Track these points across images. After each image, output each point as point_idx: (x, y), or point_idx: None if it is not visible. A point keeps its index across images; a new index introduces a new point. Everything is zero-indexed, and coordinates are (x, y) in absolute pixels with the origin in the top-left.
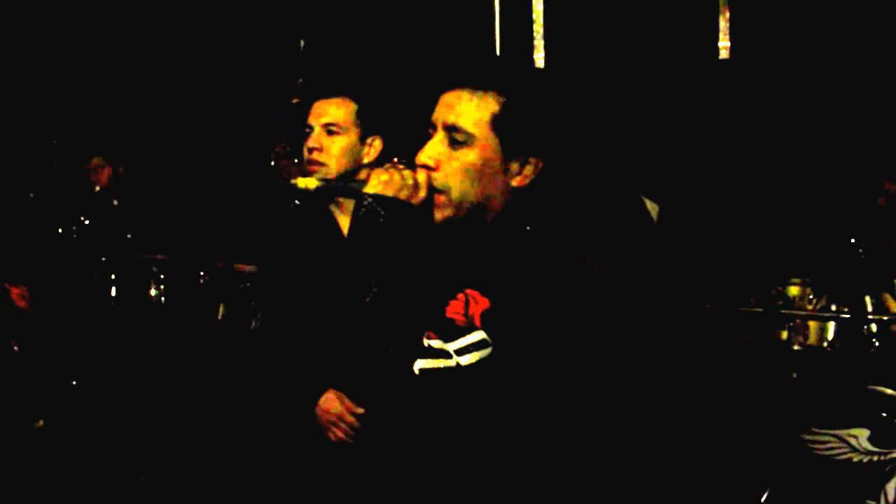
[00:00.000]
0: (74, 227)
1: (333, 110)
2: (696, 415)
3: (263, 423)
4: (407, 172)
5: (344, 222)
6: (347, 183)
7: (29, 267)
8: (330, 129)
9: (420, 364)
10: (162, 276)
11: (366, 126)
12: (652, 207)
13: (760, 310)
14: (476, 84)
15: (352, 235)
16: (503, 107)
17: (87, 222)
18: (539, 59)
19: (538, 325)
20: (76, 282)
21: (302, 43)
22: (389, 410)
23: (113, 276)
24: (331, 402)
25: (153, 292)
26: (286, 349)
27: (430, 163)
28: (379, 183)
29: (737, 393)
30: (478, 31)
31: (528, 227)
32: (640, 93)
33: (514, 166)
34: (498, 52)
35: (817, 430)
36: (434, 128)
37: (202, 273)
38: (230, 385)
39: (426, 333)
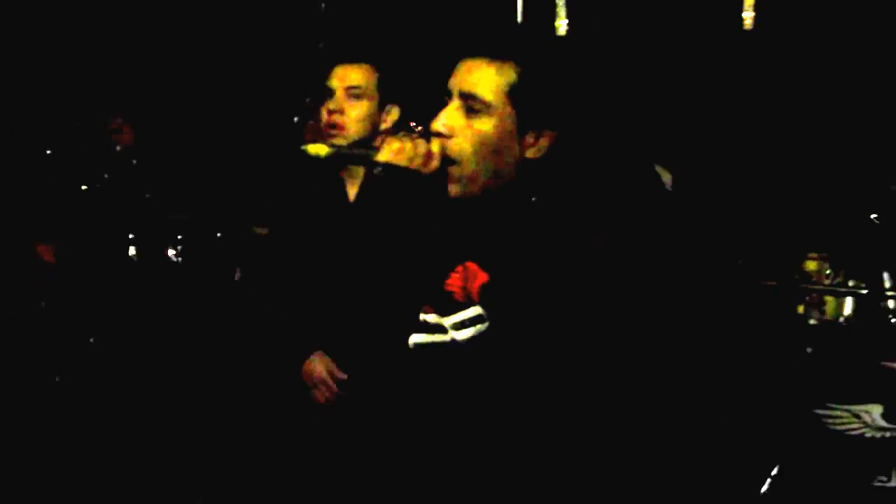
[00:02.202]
0: (97, 186)
1: (356, 75)
2: (707, 388)
3: (254, 379)
4: (420, 141)
5: (352, 189)
6: (359, 150)
7: (55, 224)
8: (352, 94)
9: (415, 338)
10: (180, 237)
11: (385, 93)
12: (664, 175)
13: (777, 284)
14: (495, 53)
15: (359, 202)
16: (521, 77)
17: (108, 180)
18: (561, 26)
19: (536, 300)
20: (98, 240)
21: (323, 5)
22: (380, 382)
23: (132, 236)
24: (315, 364)
25: (171, 252)
26: (274, 307)
27: (445, 130)
28: (391, 151)
29: (751, 367)
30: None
31: (532, 199)
32: (662, 61)
33: (529, 138)
34: (519, 19)
35: (831, 405)
36: (450, 95)
37: (220, 234)
38: (235, 346)
39: (423, 307)
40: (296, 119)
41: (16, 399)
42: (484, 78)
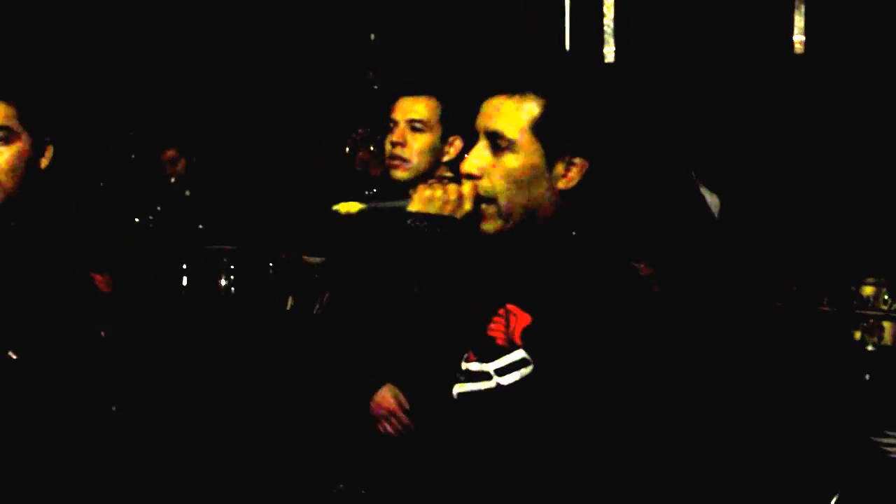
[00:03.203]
0: (150, 217)
1: (420, 107)
2: (764, 419)
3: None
4: (451, 186)
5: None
6: (390, 203)
7: (110, 256)
8: (415, 126)
9: (459, 388)
10: (231, 267)
11: (448, 125)
12: (713, 201)
13: (833, 309)
14: (513, 88)
15: (397, 255)
16: (543, 110)
17: (160, 212)
18: (609, 53)
19: (581, 342)
20: (151, 271)
21: (373, 35)
22: (429, 433)
23: (184, 266)
24: (385, 397)
25: (223, 283)
26: (350, 337)
27: (475, 171)
28: (422, 200)
29: (808, 394)
30: (548, 27)
31: (573, 233)
32: (712, 85)
33: (559, 168)
34: (567, 48)
35: (889, 433)
36: (478, 136)
37: (271, 264)
38: (293, 371)
39: (466, 355)
40: (347, 150)
41: (74, 426)
42: (506, 115)
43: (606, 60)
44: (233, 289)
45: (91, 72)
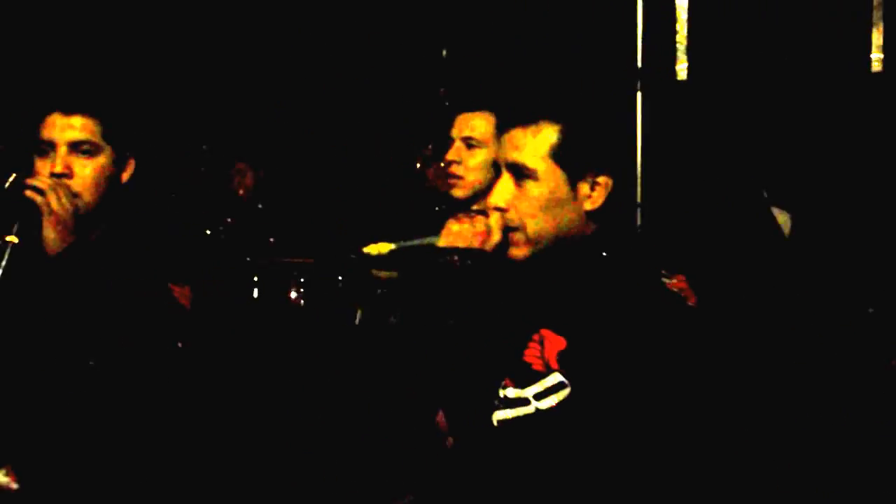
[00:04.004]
0: (221, 230)
1: (476, 123)
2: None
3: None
4: (478, 219)
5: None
6: (418, 241)
7: (188, 268)
8: (469, 143)
9: (499, 415)
10: (302, 280)
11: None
12: (783, 220)
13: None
14: (527, 118)
15: (429, 291)
16: (559, 135)
17: (231, 225)
18: (682, 70)
19: (616, 362)
20: (224, 284)
21: (444, 52)
22: (472, 461)
23: (255, 279)
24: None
25: (293, 295)
26: (424, 351)
27: (501, 203)
28: (451, 235)
29: (880, 420)
30: (621, 44)
31: (603, 254)
32: (786, 102)
33: (584, 189)
34: (640, 64)
35: None
36: (501, 168)
37: (340, 278)
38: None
39: (503, 382)
40: (417, 165)
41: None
42: (524, 145)
43: (679, 77)
44: (302, 301)
45: (166, 86)
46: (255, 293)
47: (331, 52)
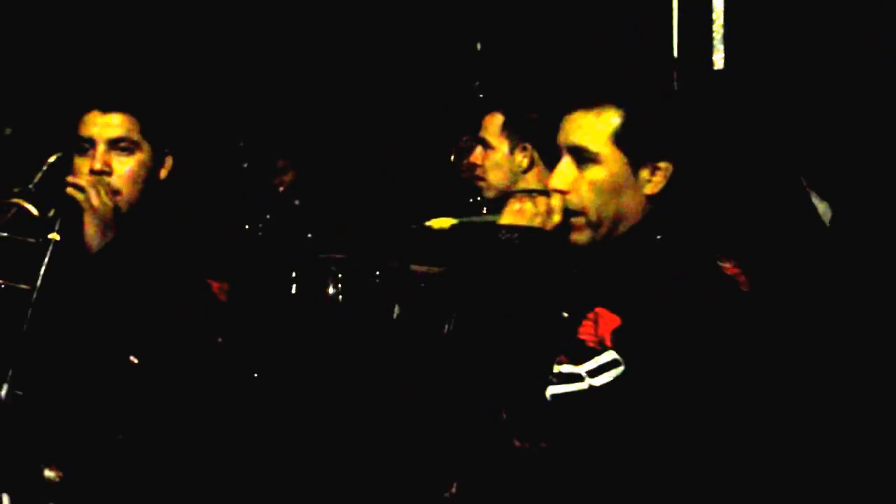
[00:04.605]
0: (260, 226)
1: (486, 123)
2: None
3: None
4: (540, 199)
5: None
6: (482, 217)
7: (227, 264)
8: (484, 144)
9: (552, 390)
10: (340, 276)
11: (513, 136)
12: (823, 208)
13: None
14: (590, 102)
15: (488, 268)
16: (622, 120)
17: (270, 221)
18: (718, 60)
19: (669, 342)
20: (263, 280)
21: (479, 45)
22: (523, 435)
23: (293, 275)
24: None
25: (331, 291)
26: (479, 358)
27: (562, 186)
28: (512, 213)
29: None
30: (657, 34)
31: (658, 237)
32: (824, 91)
33: (645, 174)
34: (675, 54)
35: None
36: (561, 151)
37: (378, 273)
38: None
39: (558, 358)
40: (452, 158)
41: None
42: (586, 129)
43: (716, 67)
44: (340, 297)
45: (205, 83)
46: (294, 289)
47: (367, 48)
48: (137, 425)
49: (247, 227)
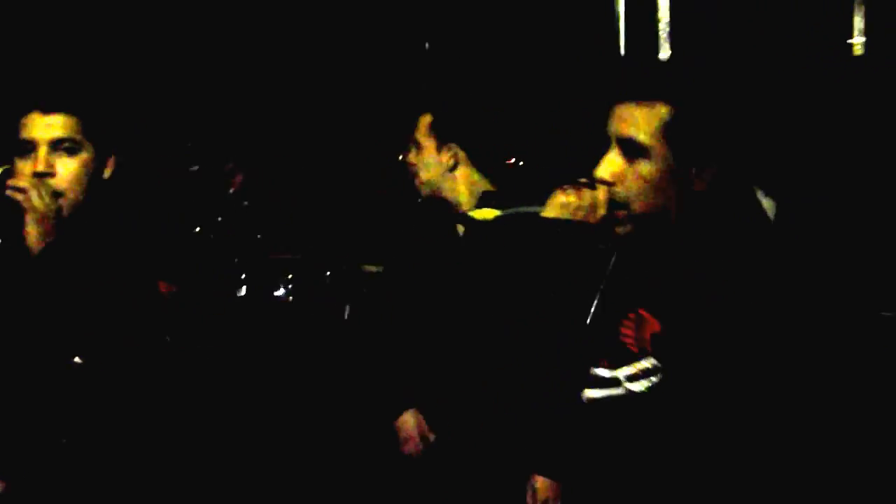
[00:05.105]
0: (210, 227)
1: (418, 124)
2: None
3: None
4: (585, 192)
5: (461, 226)
6: (526, 209)
7: (175, 264)
8: (416, 144)
9: (589, 394)
10: (290, 276)
11: (439, 136)
12: (767, 205)
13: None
14: (643, 94)
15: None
16: (673, 115)
17: (220, 223)
18: (663, 56)
19: (711, 351)
20: (211, 281)
21: (427, 45)
22: (558, 436)
23: (243, 276)
24: (406, 422)
25: (281, 292)
26: (387, 350)
27: (609, 177)
28: (557, 206)
29: (875, 404)
30: (601, 29)
31: (701, 240)
32: (768, 88)
33: (692, 172)
34: (622, 51)
35: None
36: (609, 141)
37: (329, 273)
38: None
39: (599, 361)
40: (401, 157)
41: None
42: (637, 121)
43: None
44: (291, 298)
45: (152, 84)
46: (244, 290)
47: (316, 50)
48: (81, 428)
49: (198, 229)
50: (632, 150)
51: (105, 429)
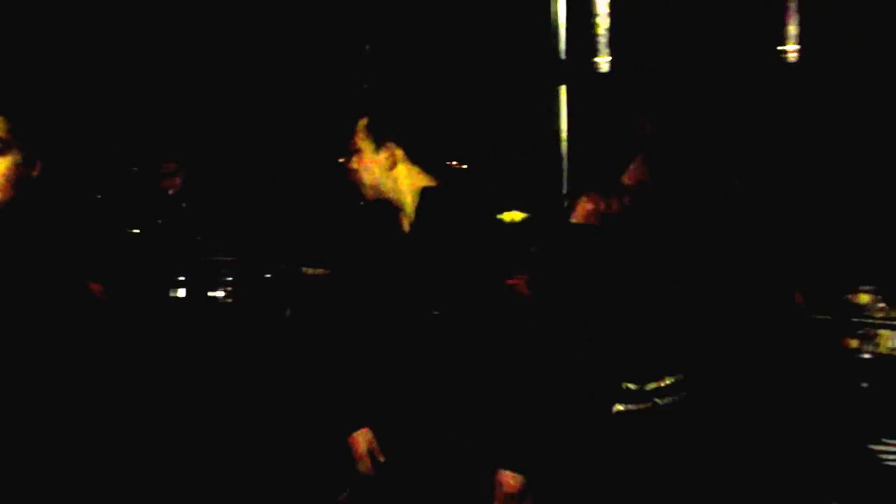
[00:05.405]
0: (147, 229)
1: (356, 128)
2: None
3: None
4: (612, 199)
5: (405, 221)
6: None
7: (107, 266)
8: (355, 148)
9: (618, 407)
10: (229, 278)
11: (376, 136)
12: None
13: (829, 317)
14: None
15: (415, 234)
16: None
17: (159, 224)
18: (603, 62)
19: (737, 368)
20: (149, 282)
21: (367, 47)
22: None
23: (182, 278)
24: (356, 440)
25: (220, 293)
26: (338, 363)
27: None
28: (584, 212)
29: (805, 402)
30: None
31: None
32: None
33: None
34: (563, 56)
35: (886, 440)
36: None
37: (269, 275)
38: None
39: (630, 375)
40: (344, 165)
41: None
42: None
43: (600, 70)
44: (230, 300)
45: (88, 84)
46: (183, 291)
47: (255, 49)
48: (12, 431)
49: (136, 230)
50: None
51: (35, 432)
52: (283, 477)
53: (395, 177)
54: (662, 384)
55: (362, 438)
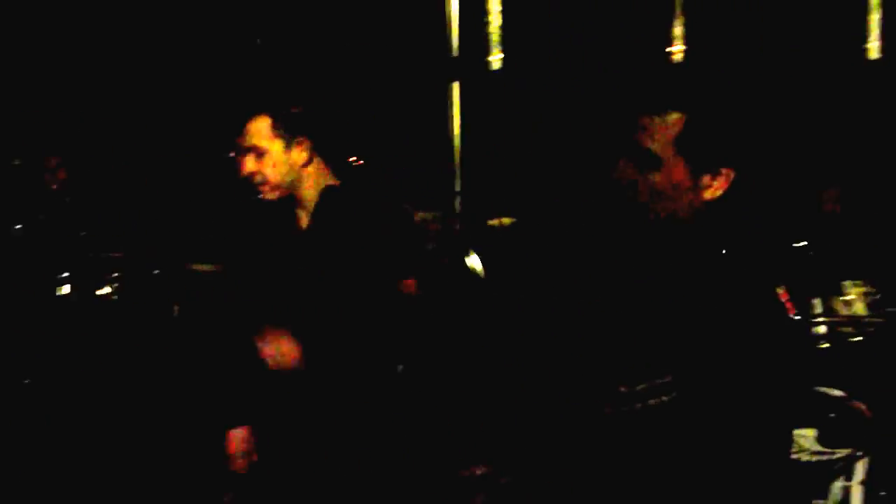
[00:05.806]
0: (31, 224)
1: (251, 131)
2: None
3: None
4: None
5: (304, 216)
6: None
7: None
8: (258, 151)
9: (607, 409)
10: (116, 275)
11: (286, 134)
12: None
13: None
14: (656, 107)
15: (313, 229)
16: (685, 125)
17: (42, 219)
18: (496, 60)
19: (725, 368)
20: (30, 279)
21: (258, 40)
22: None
23: (66, 274)
24: (232, 441)
25: (106, 290)
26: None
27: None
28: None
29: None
30: (433, 32)
31: (722, 250)
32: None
33: (705, 180)
34: (455, 53)
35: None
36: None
37: (157, 272)
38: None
39: (621, 376)
40: (231, 154)
41: None
42: (651, 133)
43: (493, 68)
44: (116, 297)
45: None
46: (67, 288)
47: (143, 41)
48: None
49: (18, 226)
50: (644, 161)
51: None
52: (169, 476)
53: (307, 173)
54: (653, 385)
55: (236, 438)
